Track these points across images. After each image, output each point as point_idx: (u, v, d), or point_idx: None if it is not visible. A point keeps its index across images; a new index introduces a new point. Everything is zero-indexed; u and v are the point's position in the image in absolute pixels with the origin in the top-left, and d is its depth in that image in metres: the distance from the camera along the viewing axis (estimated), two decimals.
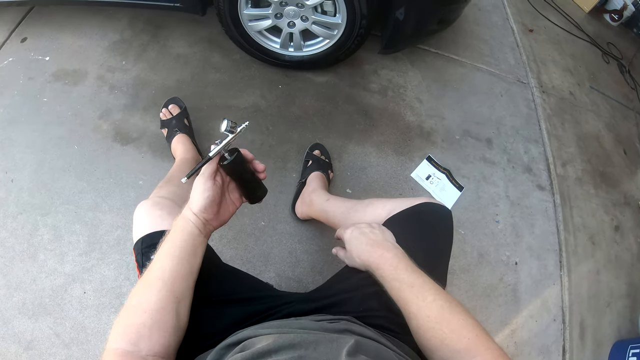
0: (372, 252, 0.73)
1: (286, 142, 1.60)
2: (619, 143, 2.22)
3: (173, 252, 0.64)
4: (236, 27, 1.59)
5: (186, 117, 1.50)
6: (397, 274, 0.68)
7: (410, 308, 0.65)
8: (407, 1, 1.45)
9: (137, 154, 1.49)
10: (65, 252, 1.29)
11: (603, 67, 2.56)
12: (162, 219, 0.81)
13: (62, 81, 1.63)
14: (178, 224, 0.67)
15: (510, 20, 2.41)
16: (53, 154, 1.45)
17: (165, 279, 0.61)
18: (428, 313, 0.63)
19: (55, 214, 1.35)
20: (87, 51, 1.72)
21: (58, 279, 1.25)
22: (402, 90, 1.88)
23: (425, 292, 0.65)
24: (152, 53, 1.75)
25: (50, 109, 1.55)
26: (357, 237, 0.77)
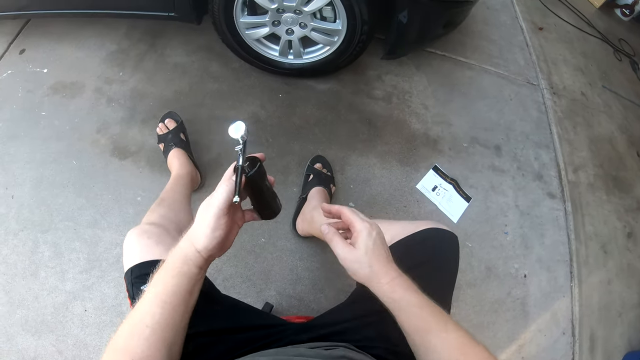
0: (390, 267, 0.60)
1: (287, 154, 1.56)
2: (632, 145, 2.14)
3: (164, 298, 0.55)
4: (233, 35, 1.54)
5: (183, 132, 1.47)
6: (418, 299, 0.59)
7: (430, 338, 0.57)
8: (411, 4, 1.39)
9: (135, 168, 1.47)
10: (66, 269, 1.29)
11: (615, 64, 2.47)
12: (149, 248, 0.78)
13: (60, 94, 1.60)
14: (174, 264, 0.57)
15: (519, 19, 2.32)
16: (52, 170, 1.44)
17: (154, 327, 0.54)
18: (452, 344, 0.56)
19: (55, 231, 1.34)
20: (84, 62, 1.69)
21: (59, 297, 1.25)
22: (408, 97, 1.82)
23: (446, 321, 0.58)
24: (150, 63, 1.71)
25: (49, 123, 1.53)
26: (378, 241, 0.61)
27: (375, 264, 0.59)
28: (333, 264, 1.40)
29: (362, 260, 0.59)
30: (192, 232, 0.57)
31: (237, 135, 0.57)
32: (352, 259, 0.60)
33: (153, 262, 0.75)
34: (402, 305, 0.58)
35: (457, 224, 1.58)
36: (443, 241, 0.83)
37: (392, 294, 0.58)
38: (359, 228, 0.61)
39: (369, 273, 0.59)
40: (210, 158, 1.51)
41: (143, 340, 0.53)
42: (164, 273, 0.57)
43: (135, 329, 0.54)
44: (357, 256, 0.59)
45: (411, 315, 0.58)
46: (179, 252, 0.57)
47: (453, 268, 0.82)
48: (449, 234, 0.84)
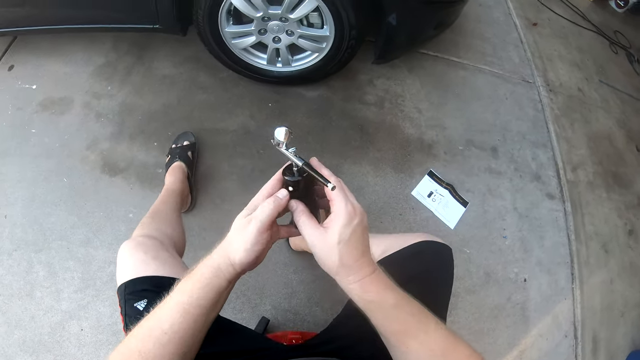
0: (364, 262, 0.53)
1: (278, 166, 1.48)
2: (631, 140, 2.11)
3: (188, 308, 0.51)
4: (219, 45, 1.51)
5: (192, 150, 1.46)
6: (395, 299, 0.52)
7: (409, 342, 0.52)
8: (400, 6, 1.35)
9: (126, 185, 1.44)
10: (61, 289, 1.28)
11: (611, 58, 2.43)
12: (146, 265, 0.75)
13: (49, 110, 1.58)
14: (203, 275, 0.53)
15: (512, 15, 2.29)
16: (43, 188, 1.42)
17: (172, 335, 0.51)
18: (432, 347, 0.52)
19: (49, 251, 1.33)
20: (72, 77, 1.66)
21: (55, 316, 1.24)
22: (400, 100, 1.79)
23: (427, 320, 0.53)
24: (138, 76, 1.68)
25: (39, 140, 1.51)
26: (358, 232, 0.53)
27: (346, 256, 0.51)
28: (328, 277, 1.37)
29: (332, 249, 0.51)
30: (228, 245, 0.53)
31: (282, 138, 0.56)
32: (320, 245, 0.52)
33: (149, 278, 0.73)
34: (375, 307, 0.52)
35: (454, 230, 1.55)
36: (437, 254, 0.82)
37: (364, 294, 0.51)
38: (339, 211, 0.52)
39: (337, 266, 0.52)
40: (200, 172, 1.48)
41: (159, 345, 0.51)
42: (191, 282, 0.53)
43: (152, 332, 0.51)
44: (328, 244, 0.51)
45: (387, 317, 0.52)
46: (211, 263, 0.53)
47: (448, 281, 0.80)
48: (443, 247, 0.83)
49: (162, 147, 1.52)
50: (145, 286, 0.71)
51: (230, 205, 1.43)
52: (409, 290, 0.74)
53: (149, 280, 0.73)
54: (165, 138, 1.54)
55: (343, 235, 0.51)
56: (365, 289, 0.51)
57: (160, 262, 0.77)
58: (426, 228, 1.52)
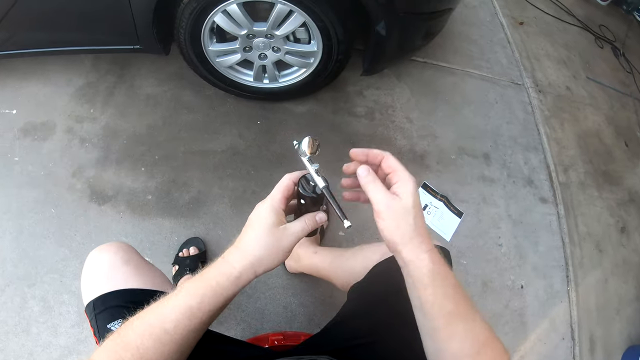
0: (427, 236, 0.52)
1: (270, 186, 1.44)
2: (620, 135, 2.13)
3: (197, 313, 0.50)
4: (203, 64, 1.47)
5: (203, 261, 1.34)
6: (454, 279, 0.52)
7: (457, 326, 0.51)
8: (388, 19, 1.30)
9: (115, 213, 1.40)
10: (57, 324, 1.24)
11: (597, 52, 2.44)
12: (126, 278, 0.69)
13: (31, 136, 1.52)
14: (219, 284, 0.51)
15: (499, 15, 2.27)
16: (31, 220, 1.37)
17: (174, 335, 0.49)
18: (476, 335, 0.51)
19: (42, 284, 1.29)
20: (53, 100, 1.60)
21: (54, 352, 1.21)
22: (391, 111, 1.77)
23: (475, 309, 0.53)
24: (120, 97, 1.63)
25: (23, 169, 1.46)
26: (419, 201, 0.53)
27: (420, 221, 0.51)
28: (327, 297, 1.36)
29: (408, 213, 0.50)
30: (255, 258, 0.52)
31: (307, 148, 0.56)
32: (394, 209, 0.50)
33: (121, 292, 0.67)
34: (440, 282, 0.50)
35: (450, 242, 1.55)
36: None
37: (434, 265, 0.50)
38: (406, 177, 0.52)
39: (412, 232, 0.50)
40: (191, 197, 1.45)
41: (159, 344, 0.49)
42: (203, 288, 0.51)
43: (153, 330, 0.49)
44: (403, 207, 0.50)
45: (446, 295, 0.50)
46: (230, 272, 0.52)
47: None
48: (442, 250, 0.84)
49: (150, 172, 1.48)
50: (117, 302, 0.65)
51: (223, 231, 1.40)
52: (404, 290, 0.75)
53: (121, 295, 0.66)
54: (152, 162, 1.50)
55: (416, 199, 0.51)
56: (434, 260, 0.50)
57: (133, 268, 0.71)
58: None
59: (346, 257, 0.99)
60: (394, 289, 0.78)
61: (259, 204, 0.58)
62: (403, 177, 0.52)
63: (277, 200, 0.57)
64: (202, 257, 1.33)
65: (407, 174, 0.52)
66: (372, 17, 1.27)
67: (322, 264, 1.09)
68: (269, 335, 1.07)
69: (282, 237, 0.54)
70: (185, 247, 1.34)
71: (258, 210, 0.57)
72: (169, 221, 1.40)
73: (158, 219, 1.40)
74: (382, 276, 0.82)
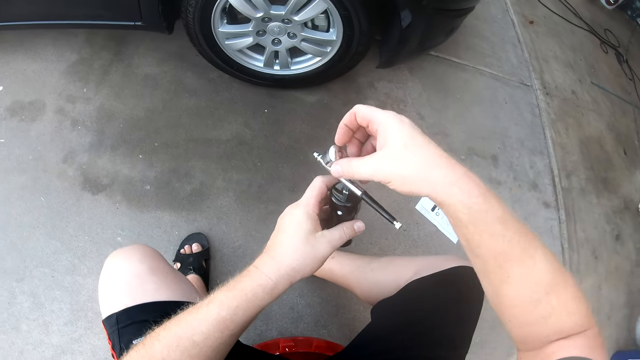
0: (450, 159, 0.42)
1: (277, 179, 1.43)
2: (619, 143, 2.15)
3: (229, 325, 0.47)
4: (210, 45, 1.36)
5: (206, 259, 1.26)
6: (501, 209, 0.42)
7: (512, 268, 0.43)
8: (416, 15, 1.21)
9: (111, 204, 1.30)
10: (49, 321, 1.16)
11: (602, 57, 2.44)
12: (154, 289, 0.61)
13: (18, 116, 1.39)
14: (256, 295, 0.48)
15: (510, 12, 2.22)
16: (18, 208, 1.26)
17: (204, 348, 0.46)
18: (537, 278, 0.43)
19: (31, 279, 1.19)
20: (42, 77, 1.46)
21: (47, 351, 1.13)
22: (402, 106, 1.71)
23: (535, 244, 0.43)
24: (116, 76, 1.50)
25: (9, 152, 1.33)
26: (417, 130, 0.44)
27: (426, 154, 0.42)
28: (334, 298, 1.32)
29: (405, 158, 0.42)
30: (294, 266, 0.49)
31: (334, 157, 0.51)
32: (388, 164, 0.43)
33: (149, 305, 0.60)
34: (481, 219, 0.41)
35: (456, 244, 1.52)
36: (472, 280, 0.80)
37: (470, 199, 0.41)
38: (382, 119, 0.44)
39: (420, 170, 0.41)
40: (193, 189, 1.36)
41: (187, 356, 0.46)
42: (237, 300, 0.47)
43: (180, 341, 0.46)
44: (393, 154, 0.42)
45: (493, 234, 0.42)
46: (266, 283, 0.48)
47: (478, 306, 0.79)
48: (473, 272, 0.82)
49: (149, 160, 1.38)
50: (145, 316, 0.59)
51: (227, 226, 1.32)
52: (440, 315, 0.74)
53: (150, 309, 0.60)
54: (151, 149, 1.40)
55: (404, 134, 0.42)
56: (469, 193, 0.41)
57: (161, 277, 0.64)
58: (430, 243, 1.48)
59: (372, 267, 0.95)
60: (428, 312, 0.75)
61: (291, 207, 0.53)
62: (379, 120, 0.44)
63: (312, 206, 0.52)
64: (206, 254, 1.25)
65: (382, 116, 0.44)
66: (400, 10, 1.19)
67: (340, 271, 1.05)
68: (279, 341, 1.02)
69: (318, 245, 0.50)
70: (187, 244, 1.26)
71: (292, 215, 0.52)
72: (169, 214, 1.31)
73: (157, 211, 1.31)
74: (415, 297, 0.79)
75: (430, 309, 0.76)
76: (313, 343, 1.01)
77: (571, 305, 0.44)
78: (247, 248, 1.30)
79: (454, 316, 0.75)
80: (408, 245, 1.46)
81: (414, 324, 0.75)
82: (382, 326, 0.80)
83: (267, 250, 0.52)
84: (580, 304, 0.44)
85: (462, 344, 0.76)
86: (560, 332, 0.44)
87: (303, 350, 0.97)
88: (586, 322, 0.44)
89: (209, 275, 1.24)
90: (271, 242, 0.52)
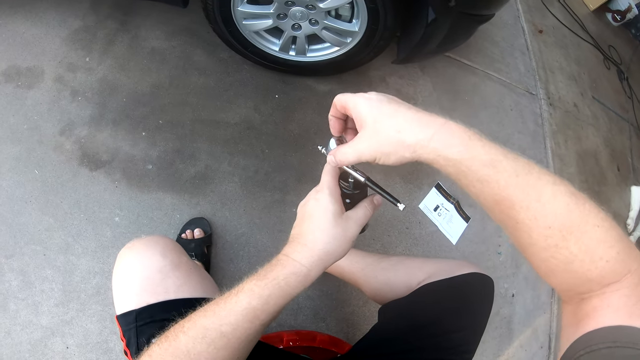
0: (424, 116, 0.43)
1: (285, 168, 1.40)
2: (614, 159, 2.20)
3: (260, 315, 0.46)
4: (227, 25, 1.30)
5: (208, 245, 1.22)
6: (489, 153, 0.40)
7: (518, 214, 0.39)
8: (443, 16, 1.18)
9: (110, 182, 1.25)
10: (39, 301, 1.11)
11: (604, 73, 2.48)
12: (178, 286, 0.59)
13: (14, 82, 1.31)
14: (289, 284, 0.47)
15: (521, 19, 2.22)
16: (10, 180, 1.20)
17: (231, 339, 0.45)
18: (549, 221, 0.38)
19: (22, 256, 1.14)
20: (42, 42, 1.38)
21: (35, 332, 1.08)
22: (412, 103, 1.66)
23: (540, 182, 0.39)
24: (121, 47, 1.42)
25: (3, 120, 1.26)
26: (384, 99, 0.45)
27: (397, 121, 0.42)
28: (334, 292, 1.32)
29: (375, 132, 0.43)
30: (327, 250, 0.49)
31: None
32: (365, 144, 0.44)
33: (173, 302, 0.57)
34: (465, 168, 0.40)
35: (455, 246, 1.54)
36: (485, 286, 0.83)
37: (449, 151, 0.40)
38: (353, 103, 0.46)
39: (396, 138, 0.42)
40: (197, 171, 1.32)
41: (214, 349, 0.44)
42: (269, 288, 0.46)
43: (207, 332, 0.44)
44: (368, 134, 0.44)
45: (483, 181, 0.40)
46: (299, 271, 0.48)
47: (488, 312, 0.81)
48: (488, 280, 0.85)
49: (152, 138, 1.32)
50: (167, 315, 0.56)
51: (231, 213, 1.29)
52: (453, 320, 0.74)
53: (173, 306, 0.57)
54: (155, 127, 1.34)
55: (372, 111, 0.44)
56: (448, 143, 0.40)
57: (184, 273, 0.62)
58: (431, 243, 1.49)
59: (383, 266, 0.94)
60: (441, 316, 0.75)
61: (314, 192, 0.53)
62: (351, 105, 0.46)
63: (334, 187, 0.52)
64: (208, 241, 1.21)
65: (352, 100, 0.46)
66: (428, 10, 1.17)
67: (349, 267, 1.03)
68: (283, 334, 1.01)
69: (347, 226, 0.50)
70: (188, 228, 1.22)
71: (317, 200, 0.51)
72: (171, 196, 1.27)
73: (159, 192, 1.26)
74: (429, 300, 0.79)
75: (442, 313, 0.76)
76: (317, 337, 1.01)
77: (597, 249, 0.37)
78: (250, 236, 1.27)
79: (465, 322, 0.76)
80: (409, 243, 1.46)
81: (427, 327, 0.75)
82: (393, 327, 0.80)
83: (295, 238, 0.51)
84: (609, 248, 0.37)
85: (472, 348, 0.77)
86: (589, 282, 0.38)
87: (307, 345, 0.96)
88: (620, 269, 0.37)
89: (210, 263, 1.21)
90: (298, 231, 0.51)
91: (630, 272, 0.37)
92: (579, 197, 0.39)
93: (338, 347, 0.99)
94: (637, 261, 0.38)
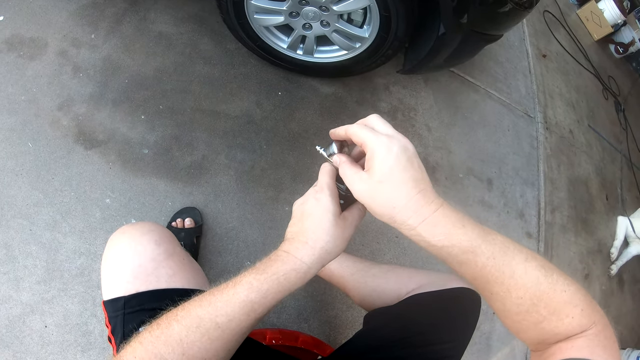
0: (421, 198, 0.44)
1: (281, 166, 1.40)
2: (604, 188, 2.25)
3: (257, 308, 0.46)
4: (238, 17, 1.30)
5: (198, 235, 1.20)
6: (469, 240, 0.44)
7: (492, 288, 0.45)
8: (453, 32, 1.19)
9: (104, 163, 1.23)
10: (21, 277, 1.08)
11: (602, 103, 2.53)
12: (170, 275, 0.59)
13: (16, 52, 1.28)
14: (288, 279, 0.47)
15: (526, 42, 2.26)
16: (2, 151, 1.17)
17: (225, 330, 0.45)
18: (520, 293, 0.44)
19: (7, 229, 1.11)
20: (49, 14, 1.35)
21: (14, 308, 1.06)
22: (413, 114, 1.71)
23: (512, 261, 0.44)
24: (129, 27, 1.41)
25: (1, 88, 1.23)
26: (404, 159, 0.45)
27: (395, 195, 0.44)
28: (319, 294, 1.32)
29: (376, 191, 0.44)
30: (326, 249, 0.50)
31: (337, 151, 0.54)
32: (365, 189, 0.45)
33: (164, 292, 0.57)
34: (447, 254, 0.45)
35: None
36: (473, 303, 0.84)
37: (432, 239, 0.44)
38: (372, 145, 0.45)
39: (390, 211, 0.44)
40: (193, 160, 1.31)
41: (207, 339, 0.44)
42: (268, 283, 0.47)
43: (202, 322, 0.44)
44: (371, 186, 0.45)
45: (463, 264, 0.44)
46: (299, 267, 0.48)
47: (474, 326, 0.82)
48: (476, 295, 0.85)
49: (151, 123, 1.31)
50: (158, 304, 0.56)
51: (224, 206, 1.28)
52: (439, 333, 0.76)
53: (164, 295, 0.57)
54: (155, 111, 1.33)
55: (383, 169, 0.44)
56: (431, 233, 0.44)
57: (177, 262, 0.61)
58: (418, 254, 1.50)
59: (374, 273, 0.94)
60: (429, 327, 0.76)
61: (313, 192, 0.53)
62: (370, 146, 0.45)
63: (334, 188, 0.53)
64: (198, 231, 1.20)
65: (373, 141, 0.45)
66: (439, 25, 1.18)
67: (338, 271, 1.03)
68: (266, 332, 1.00)
69: (345, 226, 0.52)
70: (179, 217, 1.21)
71: (317, 199, 0.52)
72: (164, 183, 1.26)
73: (153, 178, 1.25)
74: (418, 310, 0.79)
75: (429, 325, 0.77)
76: (299, 338, 1.01)
77: (563, 310, 0.43)
78: (240, 230, 1.27)
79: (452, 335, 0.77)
80: (397, 252, 1.47)
81: (412, 337, 0.75)
82: (379, 335, 0.80)
83: (295, 236, 0.51)
84: (574, 307, 0.43)
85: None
86: (557, 335, 0.44)
87: (289, 344, 0.96)
88: (585, 322, 0.43)
89: (198, 254, 1.20)
90: (297, 229, 0.52)
91: (594, 323, 0.43)
92: (547, 268, 0.45)
93: (320, 349, 0.99)
94: (599, 314, 0.44)
